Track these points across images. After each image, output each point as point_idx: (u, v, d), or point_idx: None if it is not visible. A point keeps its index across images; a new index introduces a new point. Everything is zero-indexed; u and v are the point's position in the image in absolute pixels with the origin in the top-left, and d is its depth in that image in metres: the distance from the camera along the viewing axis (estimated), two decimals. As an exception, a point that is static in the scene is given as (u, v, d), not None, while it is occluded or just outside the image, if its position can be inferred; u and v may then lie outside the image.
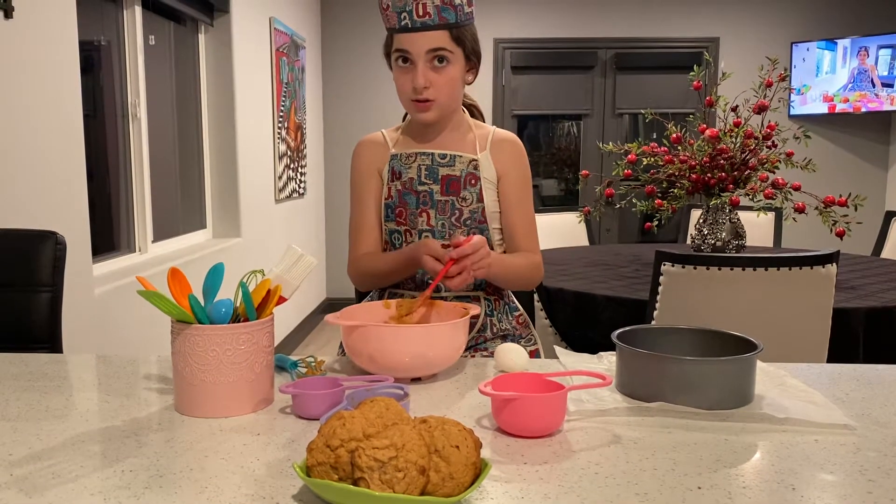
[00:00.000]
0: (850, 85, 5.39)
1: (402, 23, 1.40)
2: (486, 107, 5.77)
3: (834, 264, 2.01)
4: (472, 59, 1.49)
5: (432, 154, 1.52)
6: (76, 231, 2.45)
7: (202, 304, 1.06)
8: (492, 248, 1.51)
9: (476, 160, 1.51)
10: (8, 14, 2.09)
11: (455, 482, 0.75)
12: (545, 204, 6.09)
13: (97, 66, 2.99)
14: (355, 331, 1.18)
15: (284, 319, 4.78)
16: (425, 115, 1.47)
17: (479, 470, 0.78)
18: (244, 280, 1.09)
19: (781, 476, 0.84)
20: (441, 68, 1.43)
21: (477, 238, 1.32)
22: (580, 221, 3.80)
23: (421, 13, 1.39)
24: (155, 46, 3.40)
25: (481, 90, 5.72)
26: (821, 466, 0.87)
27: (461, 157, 1.51)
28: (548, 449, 0.92)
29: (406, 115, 1.62)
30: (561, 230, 3.89)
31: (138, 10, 3.17)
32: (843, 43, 5.39)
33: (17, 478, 0.84)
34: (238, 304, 1.09)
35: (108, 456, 0.90)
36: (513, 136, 1.57)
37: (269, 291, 1.11)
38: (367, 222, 1.57)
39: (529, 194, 1.57)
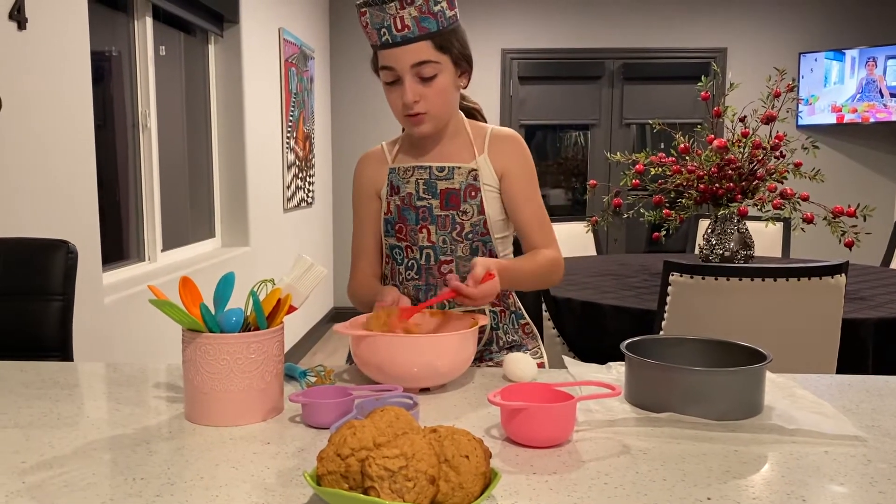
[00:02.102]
0: (859, 95, 5.38)
1: (383, 39, 1.36)
2: (493, 117, 5.78)
3: (843, 275, 2.01)
4: (463, 65, 1.43)
5: (430, 168, 1.48)
6: (86, 240, 2.47)
7: (213, 313, 1.07)
8: (494, 256, 1.50)
9: (475, 170, 1.47)
10: (21, 25, 2.11)
11: (465, 492, 0.75)
12: (553, 213, 6.04)
13: (108, 76, 3.02)
14: (364, 341, 1.18)
15: (292, 328, 4.79)
16: (420, 129, 1.43)
17: (488, 480, 0.78)
18: (255, 289, 1.10)
19: (791, 487, 0.84)
20: (429, 80, 1.38)
21: (483, 288, 1.28)
22: (588, 231, 3.80)
23: (399, 27, 1.34)
24: (165, 57, 3.43)
25: (488, 100, 5.73)
26: (831, 478, 0.87)
27: (459, 168, 1.47)
28: (557, 459, 0.92)
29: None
30: (568, 240, 3.89)
31: (149, 20, 3.19)
32: (851, 53, 5.38)
33: (29, 485, 0.85)
34: (248, 313, 1.10)
35: (118, 464, 0.91)
36: (511, 131, 1.52)
37: (279, 300, 1.11)
38: (365, 247, 1.57)
39: (536, 188, 1.51)
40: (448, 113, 1.46)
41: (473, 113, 1.61)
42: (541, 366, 1.58)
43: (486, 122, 1.61)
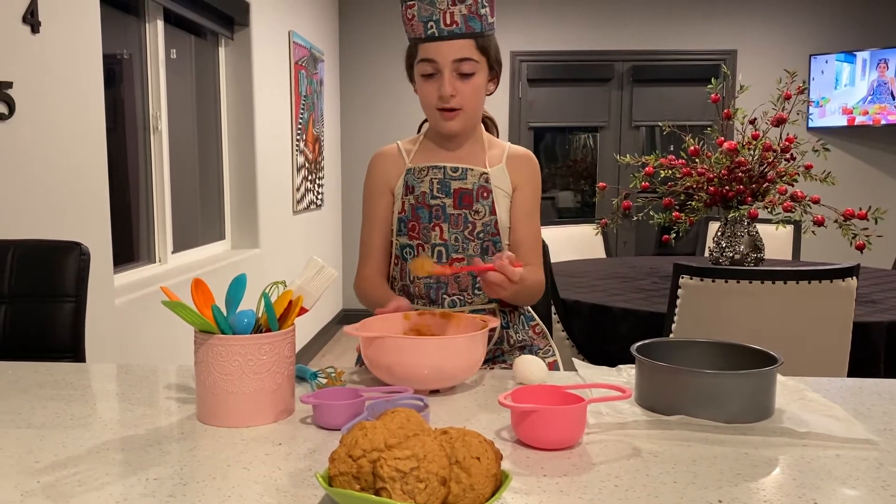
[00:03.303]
0: (870, 97, 5.35)
1: (429, 32, 1.42)
2: (502, 119, 5.78)
3: (854, 277, 2.00)
4: (495, 69, 1.50)
5: (444, 168, 1.52)
6: (98, 241, 2.49)
7: (225, 314, 1.07)
8: None
9: (486, 173, 1.51)
10: (35, 29, 2.13)
11: (476, 493, 0.75)
12: (561, 216, 6.09)
13: (120, 79, 3.04)
14: (374, 342, 1.19)
15: (301, 330, 4.80)
16: (451, 124, 1.47)
17: (499, 481, 0.78)
18: (266, 291, 1.10)
19: (802, 490, 0.84)
20: (467, 77, 1.44)
21: (520, 271, 1.30)
22: (597, 233, 3.79)
23: (448, 22, 1.40)
24: (176, 60, 3.45)
25: (498, 102, 5.73)
26: (842, 481, 0.87)
27: (472, 170, 1.51)
28: (567, 461, 0.92)
29: (420, 127, 1.63)
30: (577, 242, 3.89)
31: (160, 23, 3.21)
32: (861, 55, 5.36)
33: (43, 485, 0.85)
34: (260, 315, 1.10)
35: (131, 464, 0.91)
36: (528, 152, 1.59)
37: (290, 302, 1.12)
38: (374, 243, 1.59)
39: (538, 209, 1.58)
40: (478, 113, 1.52)
41: (486, 122, 1.64)
42: (553, 364, 1.58)
43: (497, 132, 1.65)
